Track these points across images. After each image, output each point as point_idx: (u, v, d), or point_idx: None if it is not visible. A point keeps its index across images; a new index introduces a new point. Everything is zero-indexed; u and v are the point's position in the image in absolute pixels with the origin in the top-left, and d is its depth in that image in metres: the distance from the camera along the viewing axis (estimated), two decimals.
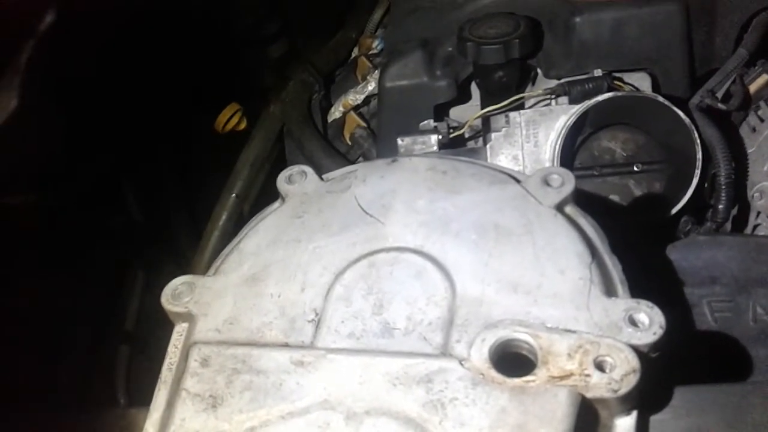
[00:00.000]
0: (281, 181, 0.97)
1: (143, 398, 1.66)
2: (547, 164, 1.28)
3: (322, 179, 0.97)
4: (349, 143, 1.66)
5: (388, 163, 0.96)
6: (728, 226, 1.27)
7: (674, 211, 1.26)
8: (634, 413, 0.73)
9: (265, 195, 1.70)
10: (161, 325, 1.70)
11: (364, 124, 1.66)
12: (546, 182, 0.89)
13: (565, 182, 0.89)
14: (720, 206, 1.22)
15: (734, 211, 1.28)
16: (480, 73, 1.38)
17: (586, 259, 0.81)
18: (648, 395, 0.74)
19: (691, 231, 1.24)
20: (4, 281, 1.25)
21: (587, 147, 1.35)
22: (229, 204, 1.63)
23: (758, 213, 1.26)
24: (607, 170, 1.33)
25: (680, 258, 1.04)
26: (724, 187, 1.21)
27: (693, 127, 1.23)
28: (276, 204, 0.98)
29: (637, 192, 1.33)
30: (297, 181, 0.97)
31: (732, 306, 0.98)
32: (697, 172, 1.23)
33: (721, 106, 1.30)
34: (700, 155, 1.23)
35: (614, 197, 1.33)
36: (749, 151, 1.28)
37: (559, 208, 0.87)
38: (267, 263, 0.89)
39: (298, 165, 0.99)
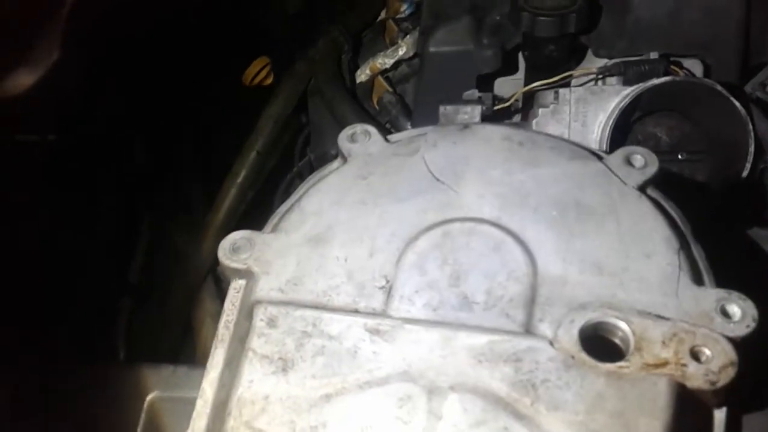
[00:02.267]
0: (343, 139, 0.93)
1: (143, 352, 1.62)
2: (594, 145, 1.24)
3: (387, 140, 0.93)
4: (377, 108, 1.61)
5: (459, 129, 0.92)
6: None
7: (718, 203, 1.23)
8: (724, 408, 0.71)
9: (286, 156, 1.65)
10: (165, 279, 1.66)
11: (392, 90, 1.61)
12: (629, 162, 0.86)
13: (649, 163, 0.86)
14: None
15: None
16: (530, 46, 1.33)
17: (674, 245, 0.78)
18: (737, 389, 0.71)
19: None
20: (13, 223, 1.20)
21: (632, 131, 1.32)
22: (249, 161, 1.58)
23: None
24: None
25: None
26: None
27: (748, 119, 1.20)
28: (335, 163, 0.94)
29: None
30: (360, 140, 0.93)
31: None
32: (748, 165, 1.20)
33: None
34: (752, 148, 1.20)
35: None
36: None
37: (642, 189, 0.84)
38: (330, 224, 0.84)
39: (360, 124, 0.94)
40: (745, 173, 1.21)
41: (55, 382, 0.93)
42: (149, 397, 0.84)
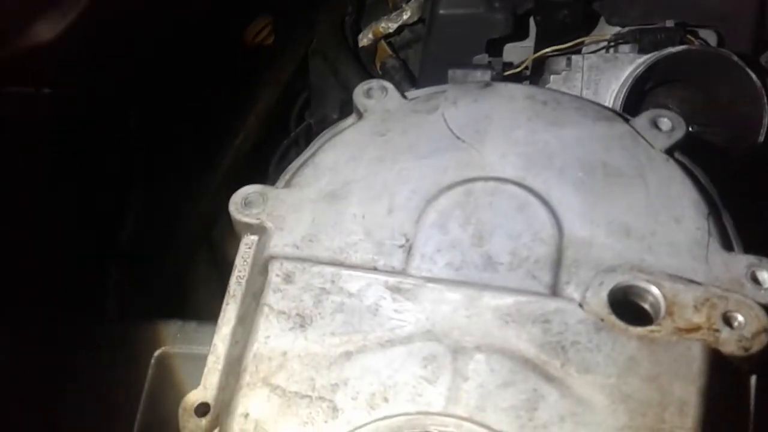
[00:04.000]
0: (359, 94, 0.90)
1: (135, 315, 1.58)
2: None
3: (404, 97, 0.90)
4: (380, 73, 1.57)
5: (480, 87, 0.89)
6: None
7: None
8: (754, 376, 0.69)
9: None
10: (159, 242, 1.62)
11: (395, 55, 1.58)
12: (655, 125, 0.83)
13: (676, 127, 0.83)
14: None
15: None
16: (542, 10, 1.30)
17: (703, 210, 0.76)
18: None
19: None
20: (8, 182, 1.16)
21: (643, 102, 1.29)
22: (247, 124, 1.54)
23: None
24: None
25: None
26: None
27: (763, 92, 1.18)
28: (350, 119, 0.91)
29: None
30: (376, 96, 0.90)
31: None
32: (761, 138, 1.19)
33: None
34: (766, 121, 1.18)
35: None
36: None
37: (669, 153, 0.81)
38: (347, 180, 0.81)
39: (377, 79, 0.91)
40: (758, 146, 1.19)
41: (58, 338, 0.90)
42: (157, 353, 0.81)
